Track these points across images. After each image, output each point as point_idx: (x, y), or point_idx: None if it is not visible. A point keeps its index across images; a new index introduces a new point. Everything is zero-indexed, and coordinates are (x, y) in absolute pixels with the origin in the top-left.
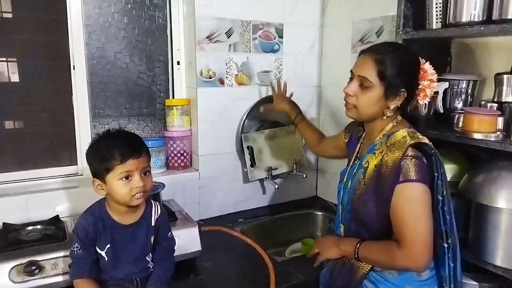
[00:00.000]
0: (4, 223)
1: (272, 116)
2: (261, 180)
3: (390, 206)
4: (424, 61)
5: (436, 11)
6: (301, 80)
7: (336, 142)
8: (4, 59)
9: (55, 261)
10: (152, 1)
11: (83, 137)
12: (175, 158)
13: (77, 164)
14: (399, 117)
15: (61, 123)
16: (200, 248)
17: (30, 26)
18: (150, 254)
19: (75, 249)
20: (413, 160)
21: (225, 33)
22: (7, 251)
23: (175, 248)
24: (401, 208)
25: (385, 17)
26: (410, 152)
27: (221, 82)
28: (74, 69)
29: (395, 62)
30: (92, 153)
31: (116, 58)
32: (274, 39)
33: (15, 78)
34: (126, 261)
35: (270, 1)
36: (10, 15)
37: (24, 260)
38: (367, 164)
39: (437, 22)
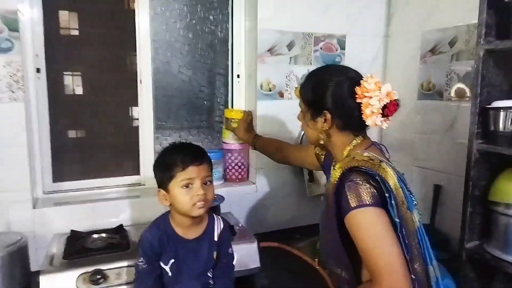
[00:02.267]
0: (72, 231)
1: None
2: (320, 196)
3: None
4: (370, 77)
5: None
6: None
7: (304, 155)
8: (70, 73)
9: (119, 271)
10: (214, 16)
11: (147, 147)
12: (233, 170)
13: (139, 174)
14: (359, 140)
15: (126, 134)
16: (259, 265)
17: (98, 42)
18: (211, 270)
19: (140, 263)
20: (352, 184)
21: (287, 45)
22: (76, 258)
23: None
24: (360, 240)
25: (459, 27)
26: (353, 176)
27: (281, 95)
28: (141, 83)
29: (310, 83)
30: (157, 164)
31: (180, 72)
32: (336, 51)
33: (79, 91)
34: (189, 277)
35: (333, 12)
36: (77, 32)
37: (90, 269)
38: (325, 192)
39: None
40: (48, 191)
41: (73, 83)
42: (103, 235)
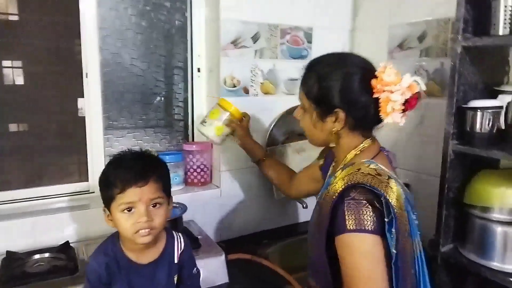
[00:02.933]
0: (7, 252)
1: (299, 127)
2: (287, 198)
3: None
4: (388, 66)
5: (505, 16)
6: None
7: (311, 172)
8: (9, 63)
9: None
10: (172, 3)
11: (95, 150)
12: (194, 173)
13: (88, 181)
14: (367, 143)
15: (71, 135)
16: (227, 280)
17: (39, 29)
18: None
19: None
20: (352, 202)
21: (251, 37)
22: (11, 286)
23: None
24: (348, 265)
25: (428, 21)
26: (355, 194)
27: (246, 91)
28: (86, 76)
29: (315, 76)
30: (100, 179)
31: (133, 65)
32: (303, 44)
33: (19, 81)
34: None
35: (300, 3)
36: (16, 18)
37: None
38: (320, 200)
39: (505, 28)
40: None
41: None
42: (46, 255)
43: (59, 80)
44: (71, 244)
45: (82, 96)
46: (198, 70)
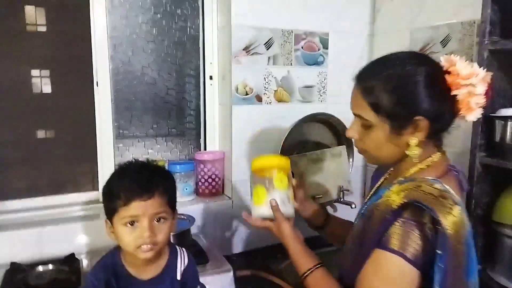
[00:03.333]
0: (12, 263)
1: (315, 136)
2: None
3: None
4: (456, 59)
5: None
6: (348, 96)
7: None
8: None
9: None
10: (183, 11)
11: (106, 159)
12: (206, 184)
13: (98, 190)
14: (436, 157)
15: (82, 144)
16: None
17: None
18: None
19: None
20: (407, 224)
21: (264, 44)
22: None
23: None
24: (364, 282)
25: (452, 24)
26: (407, 212)
27: (259, 99)
28: (97, 85)
29: (390, 84)
30: (103, 189)
31: (144, 73)
32: (318, 50)
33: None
34: None
35: (315, 7)
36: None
37: None
38: (365, 212)
39: None
40: None
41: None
42: (50, 266)
43: (75, 89)
44: (79, 256)
45: (93, 105)
46: (210, 77)
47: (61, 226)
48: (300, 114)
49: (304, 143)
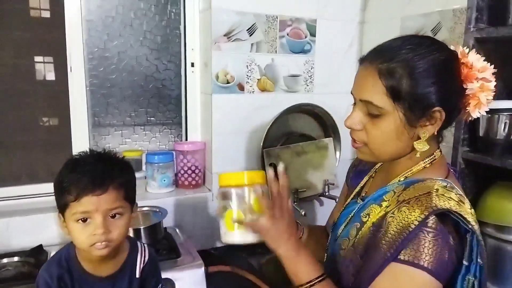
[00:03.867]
0: None
1: (300, 127)
2: None
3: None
4: (466, 50)
5: None
6: (336, 86)
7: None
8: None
9: None
10: None
11: (80, 149)
12: (185, 175)
13: None
14: (437, 154)
15: (56, 131)
16: None
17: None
18: None
19: None
20: (432, 235)
21: (247, 30)
22: None
23: None
24: None
25: (443, 12)
26: (431, 221)
27: (241, 87)
28: (71, 70)
29: (414, 66)
30: (54, 181)
31: (120, 58)
32: (305, 37)
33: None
34: None
35: None
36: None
37: None
38: (366, 218)
39: None
40: None
41: None
42: (15, 259)
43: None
44: (44, 248)
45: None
46: (192, 64)
47: (29, 217)
48: (284, 104)
49: (288, 134)
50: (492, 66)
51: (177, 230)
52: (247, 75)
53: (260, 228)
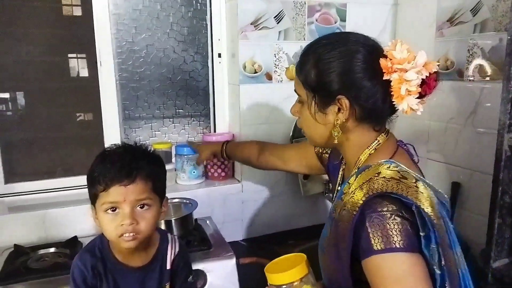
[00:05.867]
0: (15, 245)
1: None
2: (317, 195)
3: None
4: (396, 42)
5: None
6: None
7: (305, 154)
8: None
9: None
10: None
11: (112, 142)
12: (215, 167)
13: None
14: (381, 139)
15: (89, 126)
16: (238, 287)
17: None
18: None
19: None
20: (389, 216)
21: (274, 17)
22: (11, 282)
23: (205, 287)
24: None
25: None
26: (379, 205)
27: (269, 77)
28: (100, 65)
29: (312, 58)
30: (87, 173)
31: (148, 51)
32: (335, 23)
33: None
34: None
35: None
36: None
37: None
38: (334, 214)
39: None
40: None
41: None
42: (51, 250)
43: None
44: (79, 239)
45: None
46: (219, 55)
47: (66, 208)
48: None
49: None
50: (425, 57)
51: (207, 221)
52: (275, 64)
53: None
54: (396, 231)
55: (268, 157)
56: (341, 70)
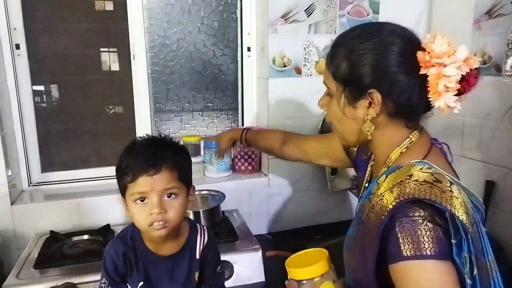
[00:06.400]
0: (51, 232)
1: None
2: (344, 191)
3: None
4: (436, 35)
5: None
6: None
7: (330, 146)
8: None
9: (94, 286)
10: None
11: (143, 134)
12: (242, 160)
13: None
14: (414, 137)
15: (121, 119)
16: (263, 279)
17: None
18: None
19: (102, 285)
20: (421, 222)
21: (305, 10)
22: (47, 267)
23: (232, 278)
24: None
25: None
26: (410, 210)
27: (298, 71)
28: (134, 59)
29: (344, 50)
30: (116, 166)
31: (179, 45)
32: (368, 15)
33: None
34: None
35: None
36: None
37: (61, 282)
38: (361, 215)
39: None
40: (36, 183)
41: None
42: (85, 237)
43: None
44: (111, 228)
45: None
46: (248, 49)
47: (99, 197)
48: None
49: None
50: (466, 52)
51: (234, 214)
52: (305, 58)
53: None
54: (427, 237)
55: (292, 148)
56: (374, 62)
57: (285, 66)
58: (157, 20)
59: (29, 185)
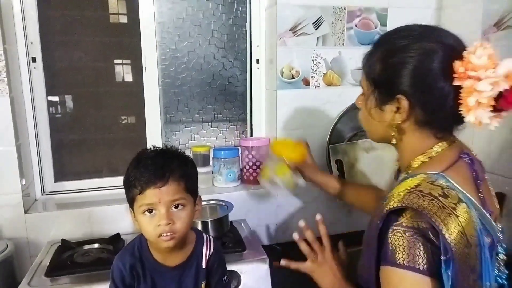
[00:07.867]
0: (63, 240)
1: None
2: None
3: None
4: (476, 46)
5: None
6: None
7: None
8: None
9: None
10: None
11: (154, 144)
12: (250, 170)
13: None
14: (440, 148)
15: (133, 129)
16: None
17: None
18: None
19: None
20: (409, 233)
21: (313, 23)
22: (58, 275)
23: None
24: None
25: None
26: (406, 220)
27: (306, 82)
28: (145, 71)
29: (384, 53)
30: (123, 178)
31: (190, 58)
32: (375, 28)
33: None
34: None
35: None
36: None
37: None
38: (373, 215)
39: None
40: (49, 192)
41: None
42: (96, 245)
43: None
44: (121, 236)
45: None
46: (257, 61)
47: (110, 206)
48: (352, 98)
49: (356, 130)
50: (503, 66)
51: (242, 224)
52: (313, 70)
53: (307, 269)
54: (420, 251)
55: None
56: (407, 69)
57: (293, 78)
58: (168, 34)
59: (42, 194)
